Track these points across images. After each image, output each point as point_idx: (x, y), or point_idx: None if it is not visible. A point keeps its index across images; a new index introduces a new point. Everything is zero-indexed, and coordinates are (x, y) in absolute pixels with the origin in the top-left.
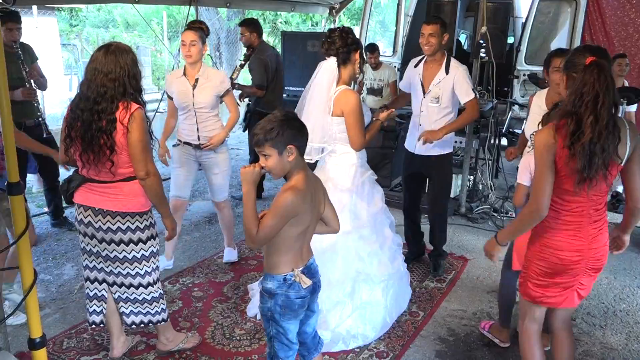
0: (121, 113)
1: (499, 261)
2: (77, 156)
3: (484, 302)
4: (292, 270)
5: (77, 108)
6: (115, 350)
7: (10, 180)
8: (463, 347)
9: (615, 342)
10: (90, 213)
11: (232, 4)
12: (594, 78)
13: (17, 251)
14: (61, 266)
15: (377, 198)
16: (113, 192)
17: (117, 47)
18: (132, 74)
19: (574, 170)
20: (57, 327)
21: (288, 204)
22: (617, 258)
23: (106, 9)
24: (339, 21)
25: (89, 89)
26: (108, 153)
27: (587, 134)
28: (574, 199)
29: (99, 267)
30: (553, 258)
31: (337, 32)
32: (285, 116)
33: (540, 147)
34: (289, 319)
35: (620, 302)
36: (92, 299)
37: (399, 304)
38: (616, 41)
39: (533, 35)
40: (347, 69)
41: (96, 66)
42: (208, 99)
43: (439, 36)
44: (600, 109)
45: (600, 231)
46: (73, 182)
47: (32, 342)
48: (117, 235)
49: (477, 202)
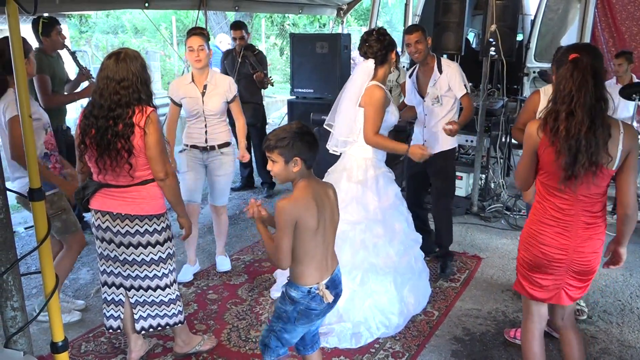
0: (137, 116)
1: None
2: (92, 162)
3: (498, 301)
4: (317, 283)
5: (90, 115)
6: (134, 353)
7: (31, 187)
8: (479, 347)
9: (632, 340)
10: (109, 218)
11: (241, 7)
12: (568, 74)
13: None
14: (77, 270)
15: (390, 194)
16: (131, 196)
17: (126, 54)
18: (143, 80)
19: (560, 166)
20: (75, 331)
21: (283, 213)
22: (634, 255)
23: (115, 15)
24: (347, 22)
25: (102, 97)
26: (126, 156)
27: (562, 129)
28: (561, 195)
29: (117, 272)
30: (536, 250)
31: (374, 36)
32: (300, 129)
33: (526, 137)
34: (302, 324)
35: (637, 299)
36: (110, 304)
37: (417, 299)
38: (627, 37)
39: (542, 32)
40: (383, 68)
41: (108, 74)
42: (217, 106)
43: (424, 41)
44: (575, 105)
45: (592, 237)
46: (88, 189)
47: (55, 346)
48: (135, 238)
49: (489, 200)
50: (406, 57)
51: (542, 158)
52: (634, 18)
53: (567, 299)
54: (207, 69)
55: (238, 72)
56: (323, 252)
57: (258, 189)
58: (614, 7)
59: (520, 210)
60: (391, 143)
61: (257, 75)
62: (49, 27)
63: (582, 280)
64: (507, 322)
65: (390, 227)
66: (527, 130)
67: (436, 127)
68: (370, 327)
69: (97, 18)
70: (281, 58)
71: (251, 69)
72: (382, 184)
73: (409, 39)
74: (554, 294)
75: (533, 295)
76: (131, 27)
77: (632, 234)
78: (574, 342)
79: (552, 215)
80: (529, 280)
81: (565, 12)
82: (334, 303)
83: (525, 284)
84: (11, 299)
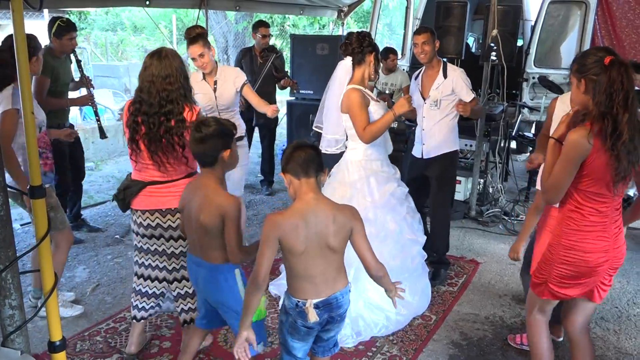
0: (188, 114)
1: (511, 263)
2: (146, 159)
3: (496, 306)
4: (306, 299)
5: (139, 113)
6: (134, 346)
7: (32, 184)
8: (476, 352)
9: (630, 347)
10: (158, 215)
11: (242, 7)
12: (622, 75)
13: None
14: (73, 268)
15: (384, 193)
16: (178, 190)
17: (168, 52)
18: (185, 76)
19: (611, 172)
20: (70, 329)
21: (267, 227)
22: (630, 262)
23: (114, 12)
24: (347, 24)
25: (150, 94)
26: (181, 151)
27: (626, 132)
28: (602, 200)
29: (161, 266)
30: (579, 261)
31: (355, 35)
32: (293, 146)
33: (572, 146)
34: (296, 339)
35: (634, 306)
36: (143, 296)
37: (419, 298)
38: (626, 44)
39: (542, 38)
40: (360, 69)
41: (153, 71)
42: (229, 98)
43: (431, 43)
44: (632, 106)
45: (620, 230)
46: (131, 189)
47: (52, 345)
48: (176, 232)
49: (488, 205)
50: (406, 59)
51: (591, 165)
52: (634, 26)
53: (598, 297)
54: (216, 68)
55: (259, 72)
56: (322, 272)
57: (257, 189)
58: (614, 14)
59: (518, 216)
60: (381, 121)
61: (286, 82)
62: (63, 31)
63: (612, 275)
64: (505, 327)
65: (383, 226)
66: (573, 139)
67: (434, 130)
68: (369, 324)
69: (96, 15)
70: None
71: (275, 71)
72: (374, 183)
73: (417, 39)
74: (587, 292)
75: (567, 294)
76: (130, 25)
77: (630, 241)
78: (588, 350)
79: (591, 220)
80: (567, 287)
81: (566, 19)
82: (329, 330)
83: (559, 291)
84: (9, 297)
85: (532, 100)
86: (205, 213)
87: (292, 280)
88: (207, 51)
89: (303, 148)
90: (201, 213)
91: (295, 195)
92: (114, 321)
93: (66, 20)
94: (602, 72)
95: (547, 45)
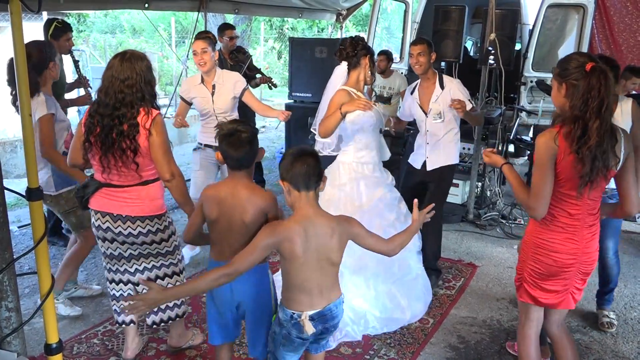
0: (143, 118)
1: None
2: (96, 160)
3: (493, 310)
4: (301, 310)
5: (96, 113)
6: (130, 351)
7: (29, 186)
8: (474, 355)
9: (627, 351)
10: (109, 219)
11: (241, 10)
12: (600, 83)
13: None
14: None
15: (372, 198)
16: (130, 197)
17: (132, 54)
18: (147, 80)
19: (577, 174)
20: (67, 332)
21: (263, 232)
22: (628, 266)
23: (113, 15)
24: (346, 28)
25: (107, 95)
26: (132, 156)
27: (594, 138)
28: (573, 202)
29: (122, 270)
30: (547, 259)
31: (348, 40)
32: (292, 153)
33: (541, 151)
34: (287, 350)
35: (630, 310)
36: (119, 300)
37: (410, 304)
38: (624, 49)
39: (540, 42)
40: (355, 72)
41: (113, 73)
42: (227, 103)
43: (427, 55)
44: (605, 113)
45: (593, 236)
46: (89, 188)
47: (49, 348)
48: (138, 238)
49: (485, 208)
50: (404, 63)
51: (561, 164)
52: (631, 30)
53: (572, 302)
54: (214, 70)
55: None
56: (317, 284)
57: None
58: (612, 18)
59: (516, 219)
60: (328, 117)
61: (261, 79)
62: (60, 32)
63: (584, 280)
64: (502, 330)
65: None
66: (539, 142)
67: (439, 143)
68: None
69: (95, 17)
70: (279, 61)
71: (249, 70)
72: (363, 187)
73: (413, 50)
74: (563, 298)
75: (543, 302)
76: (129, 28)
77: (627, 245)
78: (569, 347)
79: (562, 222)
80: (539, 289)
81: (564, 23)
82: (322, 338)
83: (534, 293)
84: (6, 299)
85: (529, 104)
86: (248, 213)
87: (287, 292)
88: (210, 50)
89: (304, 158)
90: (244, 214)
91: (293, 205)
92: (111, 324)
93: (62, 22)
94: (582, 77)
95: (545, 49)
